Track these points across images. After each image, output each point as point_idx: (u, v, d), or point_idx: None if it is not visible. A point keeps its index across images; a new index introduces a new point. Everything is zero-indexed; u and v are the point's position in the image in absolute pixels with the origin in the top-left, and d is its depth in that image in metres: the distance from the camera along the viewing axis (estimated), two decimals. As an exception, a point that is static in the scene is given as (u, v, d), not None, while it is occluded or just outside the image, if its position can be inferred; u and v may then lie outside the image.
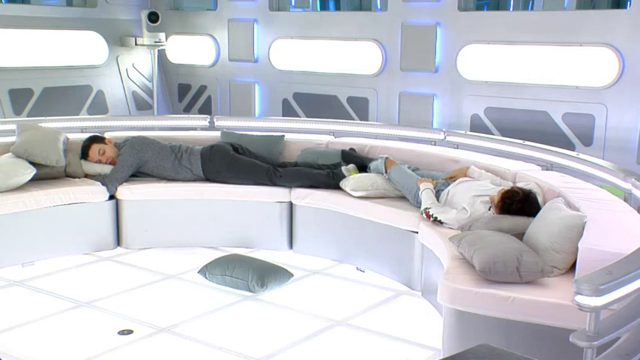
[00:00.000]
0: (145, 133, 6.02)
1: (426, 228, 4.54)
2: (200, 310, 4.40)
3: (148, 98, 8.79)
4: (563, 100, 6.29)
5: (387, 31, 7.23)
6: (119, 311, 4.36)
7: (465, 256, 3.73)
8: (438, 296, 3.60)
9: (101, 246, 5.51)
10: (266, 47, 8.11)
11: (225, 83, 8.58)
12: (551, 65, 6.31)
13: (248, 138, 6.09)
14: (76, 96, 8.13)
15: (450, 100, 6.95)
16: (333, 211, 5.31)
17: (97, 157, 5.64)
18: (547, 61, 6.32)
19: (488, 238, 3.71)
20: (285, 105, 8.09)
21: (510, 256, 3.46)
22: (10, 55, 7.63)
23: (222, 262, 4.77)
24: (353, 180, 5.25)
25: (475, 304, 3.41)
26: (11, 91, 7.59)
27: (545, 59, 6.32)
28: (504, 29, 6.54)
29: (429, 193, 4.67)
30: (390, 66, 7.28)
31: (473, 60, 6.74)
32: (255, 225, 5.59)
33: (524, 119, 6.49)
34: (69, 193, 5.30)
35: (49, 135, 5.59)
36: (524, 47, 6.42)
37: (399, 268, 4.93)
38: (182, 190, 5.57)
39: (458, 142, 5.98)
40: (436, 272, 4.21)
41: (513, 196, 4.15)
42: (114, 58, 8.50)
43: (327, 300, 4.64)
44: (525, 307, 3.30)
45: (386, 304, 4.60)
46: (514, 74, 6.51)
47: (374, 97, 7.42)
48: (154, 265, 5.24)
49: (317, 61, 7.74)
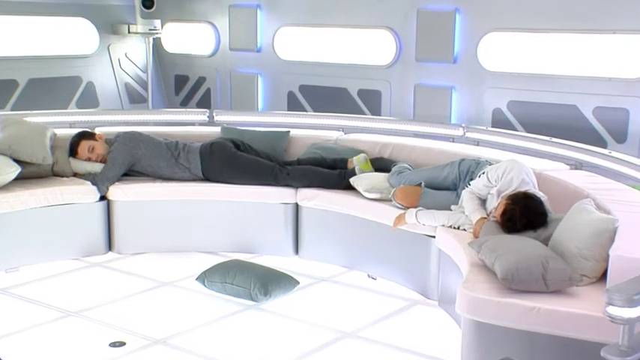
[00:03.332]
0: (139, 129, 6.04)
1: (444, 232, 4.54)
2: (198, 320, 4.42)
3: (142, 91, 8.82)
4: (594, 93, 6.27)
5: (402, 18, 7.23)
6: (110, 321, 4.38)
7: (485, 263, 3.73)
8: (456, 306, 3.60)
9: (91, 251, 5.53)
10: (270, 35, 8.12)
11: (225, 74, 8.59)
12: (581, 55, 6.29)
13: (250, 134, 6.11)
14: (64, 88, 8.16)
15: (470, 93, 6.94)
16: (342, 214, 5.31)
17: (87, 155, 5.66)
18: (577, 50, 6.30)
19: (512, 244, 3.71)
20: (290, 98, 8.10)
21: (535, 262, 3.46)
22: (-8, 44, 7.67)
23: (223, 269, 4.78)
24: (367, 179, 5.25)
25: (497, 314, 3.41)
26: (-6, 83, 7.63)
27: (575, 48, 6.31)
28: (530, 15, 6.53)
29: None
30: (405, 56, 7.27)
31: (495, 49, 6.72)
32: (258, 228, 5.60)
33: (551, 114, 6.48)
34: (56, 194, 5.33)
35: (34, 130, 5.62)
36: (552, 35, 6.40)
37: (413, 276, 4.93)
38: (179, 190, 5.59)
39: (478, 138, 5.97)
40: (454, 280, 4.21)
41: (512, 217, 4.09)
42: (105, 47, 8.53)
43: (336, 310, 4.65)
44: (551, 319, 3.29)
45: (399, 314, 4.60)
46: (540, 65, 6.50)
47: (387, 90, 7.41)
48: (148, 271, 5.26)
49: (325, 51, 7.74)
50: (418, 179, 5.04)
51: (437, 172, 5.03)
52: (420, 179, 5.03)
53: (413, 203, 4.88)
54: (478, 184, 4.58)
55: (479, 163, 4.87)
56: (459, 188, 4.84)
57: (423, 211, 4.73)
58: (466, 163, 4.93)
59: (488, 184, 4.52)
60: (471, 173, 4.81)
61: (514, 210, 4.09)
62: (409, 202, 4.90)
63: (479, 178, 4.61)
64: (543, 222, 4.06)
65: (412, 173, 5.16)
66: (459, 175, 4.90)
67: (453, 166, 4.95)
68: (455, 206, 4.74)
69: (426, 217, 4.70)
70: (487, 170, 4.58)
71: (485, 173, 4.57)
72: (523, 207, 4.10)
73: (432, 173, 5.05)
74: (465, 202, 4.57)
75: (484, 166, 4.73)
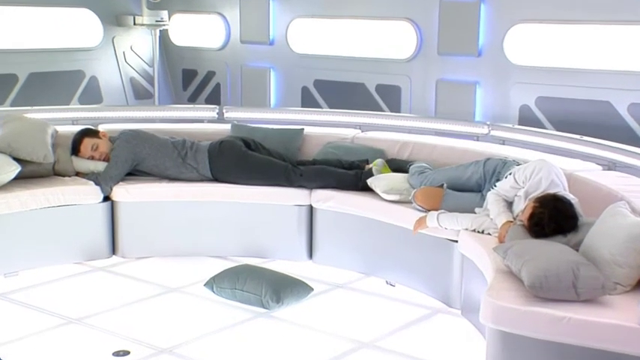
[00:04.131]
0: (145, 126, 6.07)
1: (467, 236, 4.53)
2: (206, 328, 4.43)
3: (147, 86, 8.85)
4: (628, 89, 6.23)
5: (423, 9, 7.21)
6: (114, 329, 4.40)
7: (511, 269, 3.72)
8: (480, 315, 3.58)
9: (94, 254, 5.56)
10: (283, 27, 8.13)
11: (236, 69, 8.60)
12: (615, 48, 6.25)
13: (262, 132, 6.12)
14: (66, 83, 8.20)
15: (496, 89, 6.92)
16: (359, 216, 5.31)
17: (90, 153, 5.69)
18: (610, 42, 6.26)
19: (540, 249, 3.69)
20: (304, 94, 8.10)
21: (565, 269, 3.44)
22: (-9, 37, 7.72)
23: (232, 274, 4.79)
24: (385, 180, 5.24)
25: (523, 324, 3.39)
26: (-7, 78, 7.68)
27: (608, 41, 6.27)
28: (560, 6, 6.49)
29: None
30: (426, 49, 7.25)
31: (523, 42, 6.69)
32: (270, 231, 5.61)
33: (583, 111, 6.44)
34: (58, 194, 5.36)
35: (35, 127, 5.66)
36: (584, 26, 6.36)
37: (435, 283, 4.93)
38: (186, 191, 5.61)
39: (504, 137, 5.95)
40: (478, 287, 4.19)
41: (540, 221, 4.07)
42: (109, 39, 8.57)
43: (352, 318, 4.65)
44: (583, 330, 3.27)
45: (420, 323, 4.59)
46: (571, 58, 6.46)
47: (407, 85, 7.40)
48: (154, 276, 5.28)
49: (342, 44, 7.74)
50: (440, 180, 5.03)
51: (460, 172, 5.01)
52: (442, 180, 5.02)
53: (434, 205, 4.86)
54: (504, 186, 4.56)
55: (505, 163, 4.85)
56: (484, 190, 4.82)
57: (445, 214, 4.71)
58: (492, 162, 4.91)
59: (515, 186, 4.50)
60: (496, 174, 4.79)
61: (542, 213, 4.07)
62: (430, 204, 4.89)
63: (505, 179, 4.59)
64: (574, 226, 4.04)
65: (434, 173, 5.14)
66: (483, 176, 4.88)
67: (478, 165, 4.93)
68: (479, 209, 4.72)
69: (449, 220, 4.68)
70: (514, 171, 4.56)
71: (512, 174, 4.55)
72: (552, 210, 4.07)
73: (455, 173, 5.03)
74: (490, 204, 4.55)
75: (511, 167, 4.71)
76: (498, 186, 4.60)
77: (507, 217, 4.41)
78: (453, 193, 4.89)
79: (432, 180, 5.07)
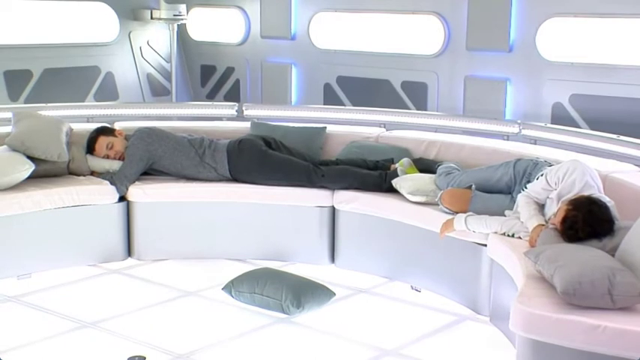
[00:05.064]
0: (162, 124, 6.11)
1: (497, 240, 4.50)
2: (224, 334, 4.44)
3: (165, 82, 8.90)
4: (667, 86, 6.18)
5: (451, 2, 7.19)
6: (129, 334, 4.43)
7: (543, 275, 3.70)
8: (510, 323, 3.57)
9: (109, 256, 5.60)
10: (305, 22, 8.14)
11: (256, 65, 8.63)
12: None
13: (283, 130, 6.13)
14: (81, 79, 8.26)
15: (527, 86, 6.88)
16: (384, 219, 5.31)
17: (105, 152, 5.73)
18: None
19: (573, 254, 3.67)
20: (327, 91, 8.10)
21: (600, 275, 3.42)
22: (4, 31, 7.79)
23: (251, 278, 4.80)
24: (411, 181, 5.23)
25: (556, 333, 3.38)
26: (6, 73, 7.74)
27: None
28: (595, -1, 6.45)
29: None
30: (454, 44, 7.23)
31: (556, 36, 6.65)
32: (291, 234, 5.62)
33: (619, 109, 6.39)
34: (72, 194, 5.40)
35: (49, 125, 5.70)
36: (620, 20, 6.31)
37: (462, 288, 4.91)
38: (204, 191, 5.63)
39: (536, 136, 5.92)
40: (508, 294, 4.18)
41: (574, 224, 4.03)
42: (126, 34, 8.62)
43: (376, 325, 4.64)
44: (618, 339, 3.25)
45: (446, 330, 4.58)
46: (607, 54, 6.41)
47: (434, 82, 7.38)
48: (170, 279, 5.30)
49: (366, 39, 7.73)
50: (468, 181, 5.01)
51: (489, 173, 4.99)
52: (470, 181, 5.00)
53: (462, 208, 4.85)
54: (536, 188, 4.53)
55: (537, 163, 4.82)
56: (514, 192, 4.80)
57: (473, 217, 4.69)
58: (522, 163, 4.88)
59: (547, 188, 4.47)
60: (527, 175, 4.77)
61: (576, 217, 4.04)
62: (458, 207, 4.87)
63: (537, 181, 4.57)
64: (609, 230, 4.01)
65: (462, 174, 5.13)
66: (514, 177, 4.86)
67: (508, 166, 4.91)
68: (509, 211, 4.70)
69: (477, 223, 4.66)
70: (546, 172, 4.53)
71: (543, 175, 4.52)
72: (587, 213, 4.05)
73: (484, 174, 5.01)
74: (521, 207, 4.53)
75: (543, 167, 4.69)
76: (529, 188, 4.57)
77: (539, 221, 4.38)
78: (481, 195, 4.87)
79: (459, 181, 5.06)
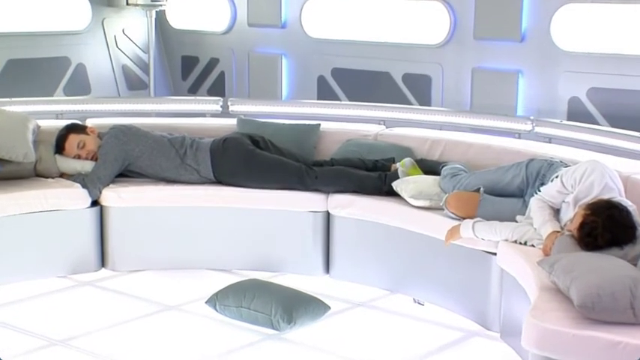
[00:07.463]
0: (139, 121, 6.10)
1: (507, 248, 4.52)
2: (208, 351, 4.45)
3: (142, 75, 8.89)
4: (694, 79, 6.21)
5: (457, -13, 7.22)
6: (103, 352, 4.42)
7: (559, 287, 3.71)
8: (522, 339, 3.58)
9: (81, 267, 5.59)
10: (297, 8, 8.15)
11: (242, 56, 8.63)
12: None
13: (272, 127, 6.13)
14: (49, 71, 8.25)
15: (541, 79, 6.90)
16: (383, 225, 5.32)
17: (76, 152, 5.73)
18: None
19: (592, 263, 3.69)
20: (321, 84, 8.11)
21: (621, 287, 3.43)
22: (-35, 19, 7.79)
23: (238, 290, 4.81)
24: (413, 183, 5.24)
25: (573, 350, 3.39)
26: (-33, 65, 7.75)
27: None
28: (615, -17, 6.48)
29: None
30: (461, 33, 7.25)
31: (572, 25, 6.68)
32: (281, 242, 5.63)
33: (641, 104, 6.42)
34: (40, 198, 5.40)
35: (14, 122, 5.69)
36: (642, 7, 6.34)
37: (470, 301, 4.92)
38: (186, 194, 5.63)
39: (551, 134, 5.94)
40: (520, 307, 4.19)
41: (593, 231, 4.04)
42: (99, 21, 8.62)
43: (375, 341, 4.66)
44: (641, 356, 3.26)
45: (453, 347, 4.59)
46: (628, 44, 6.44)
47: (438, 75, 7.40)
48: (148, 292, 5.30)
49: (363, 27, 7.74)
50: (476, 183, 5.02)
51: (499, 174, 5.01)
52: (478, 183, 5.02)
53: (469, 213, 4.86)
54: (550, 191, 4.55)
55: (551, 164, 4.84)
56: (527, 195, 4.81)
57: (481, 223, 4.70)
58: (535, 164, 4.90)
59: (562, 191, 4.49)
60: (541, 177, 4.78)
61: (595, 222, 4.06)
62: (465, 212, 4.89)
63: (551, 183, 4.58)
64: (631, 237, 4.02)
65: (469, 176, 5.14)
66: (526, 179, 4.88)
67: (520, 167, 4.93)
68: (521, 217, 4.71)
69: (486, 229, 4.67)
70: (561, 173, 4.54)
71: (559, 177, 4.54)
72: (606, 219, 4.06)
73: (494, 176, 5.03)
74: (534, 211, 4.54)
75: (558, 168, 4.70)
76: (543, 191, 4.59)
77: (554, 227, 4.39)
78: (490, 199, 4.89)
79: (466, 184, 5.07)
